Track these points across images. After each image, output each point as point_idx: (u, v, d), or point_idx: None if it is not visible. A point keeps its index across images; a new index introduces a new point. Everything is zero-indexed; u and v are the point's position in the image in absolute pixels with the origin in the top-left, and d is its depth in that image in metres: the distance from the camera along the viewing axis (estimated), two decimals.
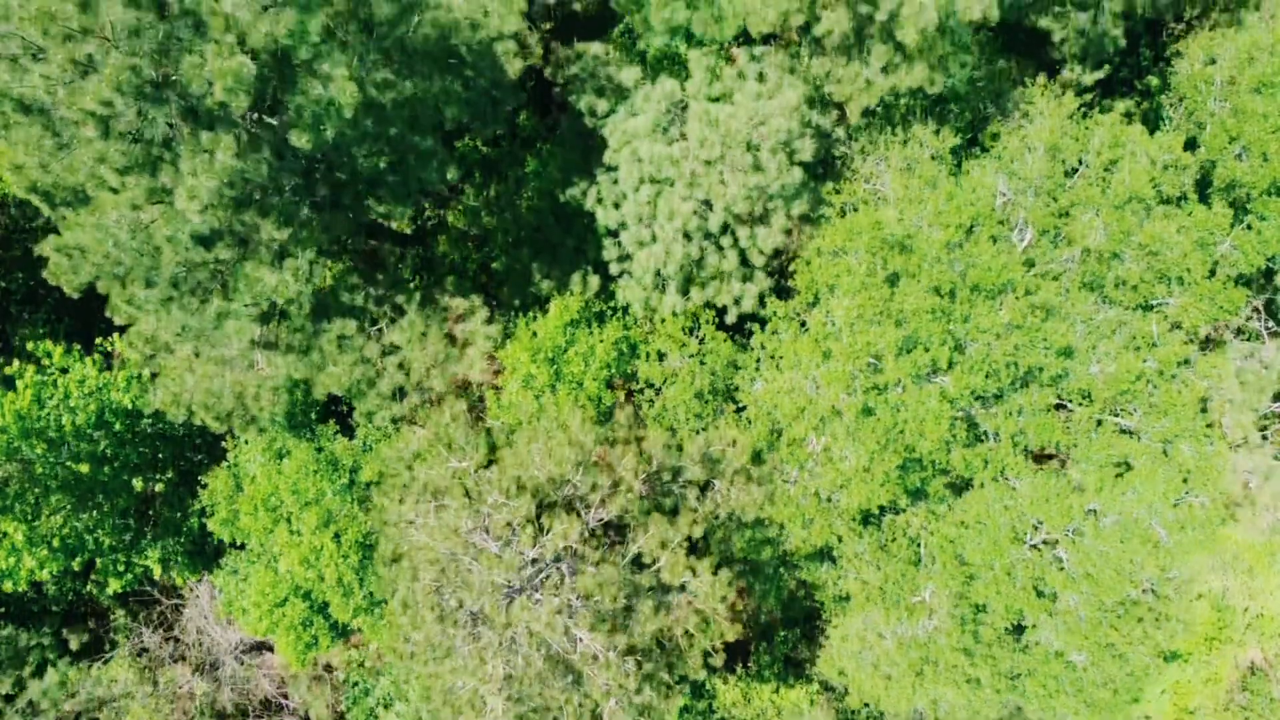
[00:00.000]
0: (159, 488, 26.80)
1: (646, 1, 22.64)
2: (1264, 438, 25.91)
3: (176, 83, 16.31)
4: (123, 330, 24.91)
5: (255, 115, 17.51)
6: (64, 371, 25.99)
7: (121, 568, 27.10)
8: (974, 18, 21.31)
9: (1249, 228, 25.21)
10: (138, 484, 26.24)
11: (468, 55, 21.61)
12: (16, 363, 26.28)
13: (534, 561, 19.91)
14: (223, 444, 27.06)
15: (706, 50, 23.02)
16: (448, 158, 20.94)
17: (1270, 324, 25.45)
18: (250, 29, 16.57)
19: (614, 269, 25.39)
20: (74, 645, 32.50)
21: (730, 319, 25.45)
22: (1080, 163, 25.26)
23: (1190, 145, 27.20)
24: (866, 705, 29.48)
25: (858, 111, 24.02)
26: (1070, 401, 24.12)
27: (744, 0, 21.33)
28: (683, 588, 20.12)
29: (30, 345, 26.75)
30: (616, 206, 24.75)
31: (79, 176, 16.85)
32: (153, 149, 16.85)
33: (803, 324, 24.24)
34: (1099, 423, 24.10)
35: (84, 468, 24.65)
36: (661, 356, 25.84)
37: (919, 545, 25.00)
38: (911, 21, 20.90)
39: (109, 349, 27.82)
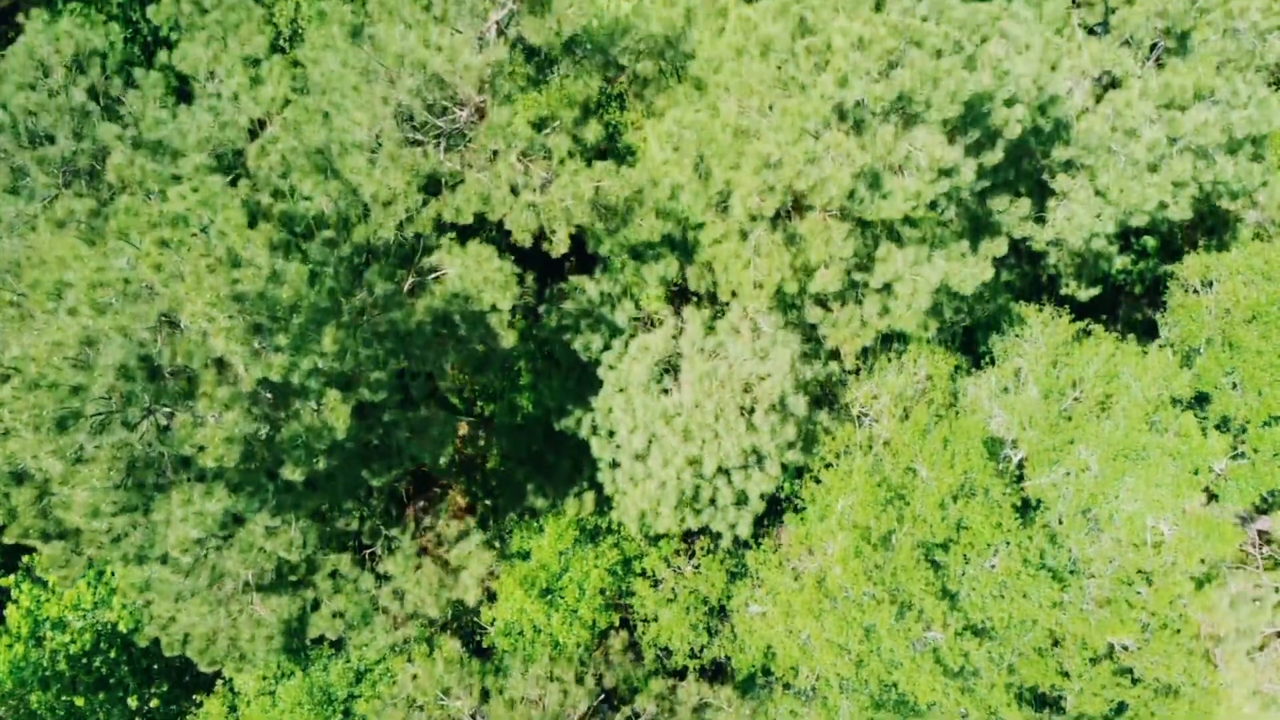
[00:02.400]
0: (154, 703, 26.81)
1: (641, 256, 22.61)
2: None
3: (169, 439, 16.31)
4: None
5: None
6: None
7: None
8: (968, 292, 21.34)
9: (1241, 456, 25.23)
10: (132, 701, 26.25)
11: (461, 322, 21.60)
12: (12, 577, 26.37)
13: None
14: None
15: (701, 305, 23.01)
16: (442, 437, 20.96)
17: (1266, 552, 25.47)
18: (244, 378, 16.59)
19: (608, 489, 25.41)
20: None
21: (726, 544, 25.49)
22: (1075, 386, 25.28)
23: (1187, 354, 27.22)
24: None
25: (853, 354, 24.02)
26: (1064, 639, 24.16)
27: (737, 274, 21.31)
28: None
29: (27, 558, 26.77)
30: (611, 435, 24.76)
31: (73, 519, 16.85)
32: (146, 490, 16.87)
33: (795, 565, 24.28)
34: (1094, 662, 24.15)
35: (80, 700, 24.68)
36: (656, 581, 25.87)
37: None
38: (905, 300, 20.92)
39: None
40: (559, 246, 20.11)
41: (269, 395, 18.16)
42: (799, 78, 19.14)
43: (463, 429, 30.81)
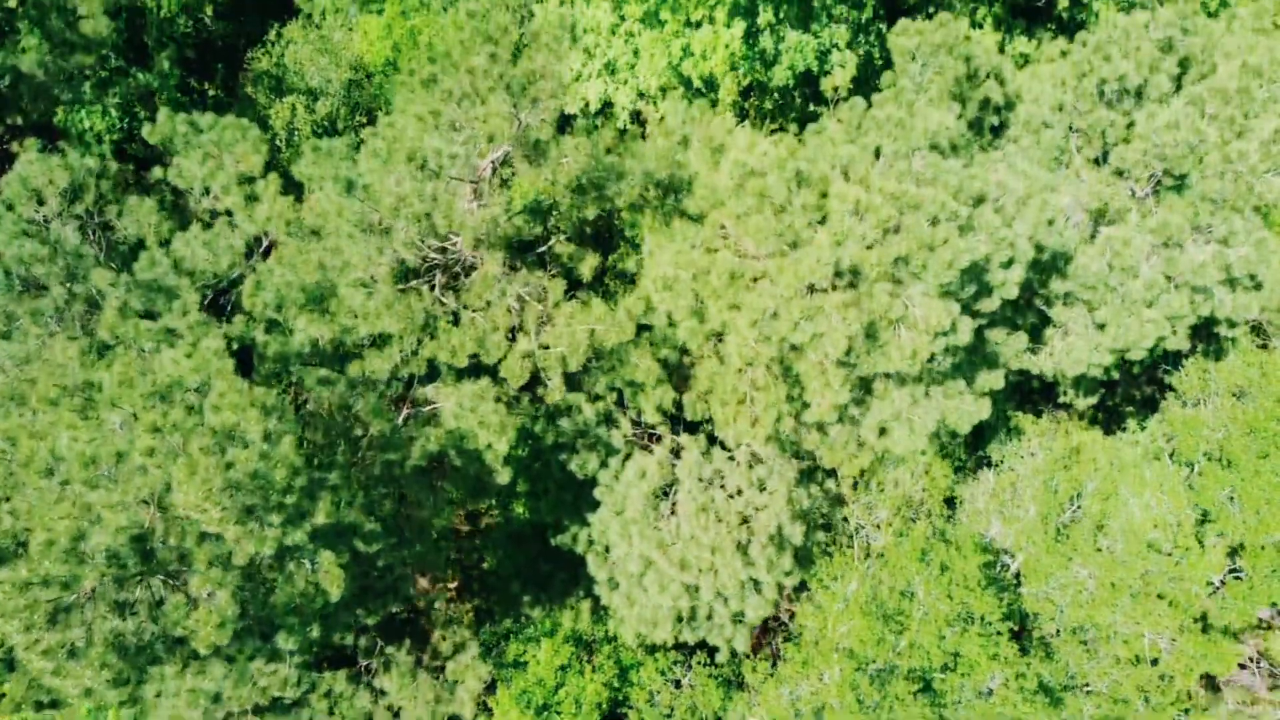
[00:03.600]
0: None
1: (639, 386, 22.51)
2: None
3: (161, 615, 16.25)
4: None
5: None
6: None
7: None
8: (965, 430, 21.27)
9: (1239, 574, 25.17)
10: None
11: (456, 458, 21.53)
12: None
13: None
14: None
15: (697, 433, 22.96)
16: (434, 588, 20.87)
17: (1264, 665, 25.43)
18: (236, 551, 16.51)
19: (604, 600, 25.37)
20: None
21: (722, 658, 25.45)
22: (1073, 501, 25.24)
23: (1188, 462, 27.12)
24: None
25: (851, 477, 23.95)
26: None
27: (734, 409, 21.26)
28: None
29: None
30: (607, 550, 24.72)
31: (64, 688, 16.80)
32: (139, 665, 16.80)
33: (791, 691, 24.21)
34: None
35: None
36: (653, 695, 25.81)
37: None
38: (901, 444, 20.86)
39: None
40: (553, 394, 20.04)
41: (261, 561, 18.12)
42: (795, 226, 19.07)
43: (458, 516, 30.78)
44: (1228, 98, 20.27)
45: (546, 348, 19.87)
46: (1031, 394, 29.10)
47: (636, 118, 32.56)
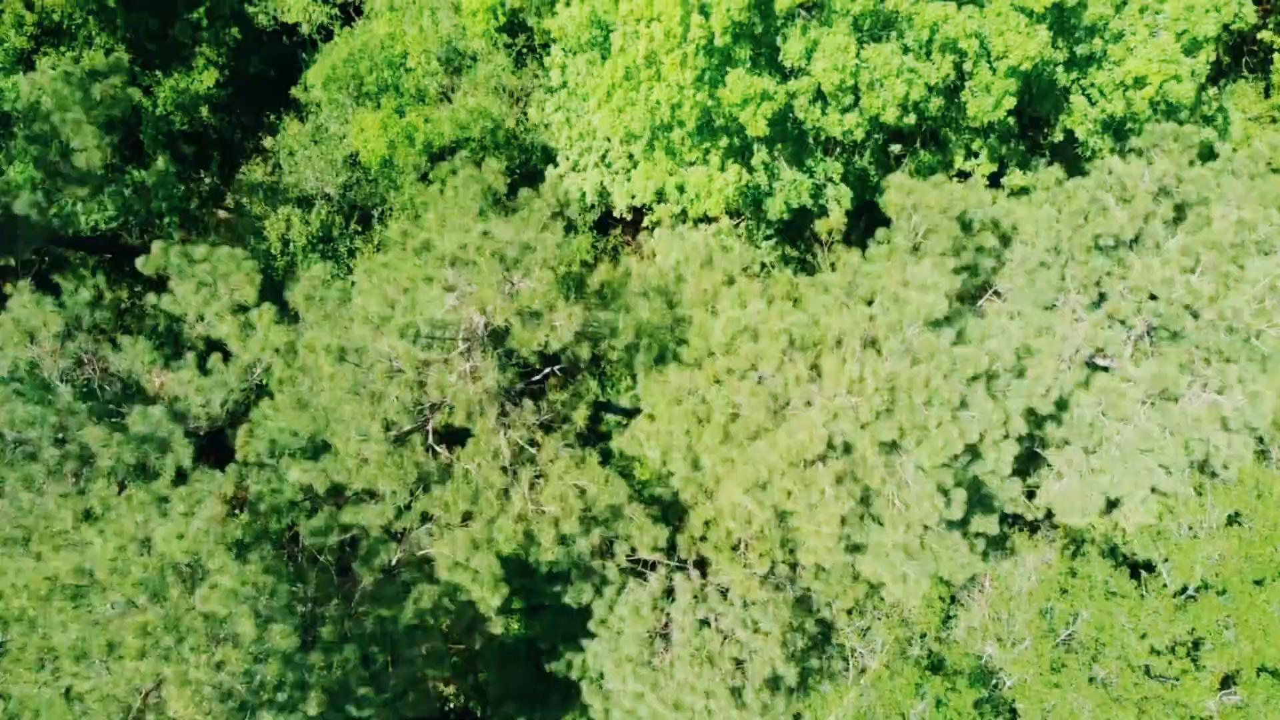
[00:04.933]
0: None
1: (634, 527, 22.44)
2: None
3: None
4: None
5: None
6: None
7: None
8: (960, 582, 21.22)
9: (1234, 694, 25.15)
10: None
11: (450, 605, 21.51)
12: None
13: None
14: None
15: (689, 575, 22.91)
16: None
17: None
18: None
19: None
20: None
21: None
22: (1068, 625, 25.21)
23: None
24: None
25: (844, 611, 23.90)
26: None
27: (727, 554, 21.24)
28: None
29: None
30: (601, 676, 24.68)
31: None
32: None
33: None
34: None
35: None
36: None
37: None
38: (896, 595, 20.81)
39: None
40: (546, 554, 20.00)
41: None
42: (790, 392, 19.03)
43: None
44: (1222, 250, 20.22)
45: (540, 507, 19.81)
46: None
47: (635, 212, 32.57)
